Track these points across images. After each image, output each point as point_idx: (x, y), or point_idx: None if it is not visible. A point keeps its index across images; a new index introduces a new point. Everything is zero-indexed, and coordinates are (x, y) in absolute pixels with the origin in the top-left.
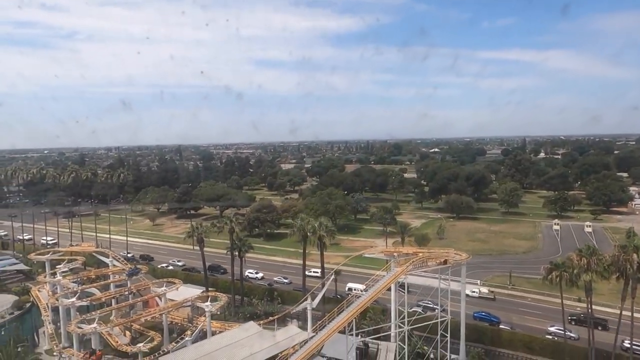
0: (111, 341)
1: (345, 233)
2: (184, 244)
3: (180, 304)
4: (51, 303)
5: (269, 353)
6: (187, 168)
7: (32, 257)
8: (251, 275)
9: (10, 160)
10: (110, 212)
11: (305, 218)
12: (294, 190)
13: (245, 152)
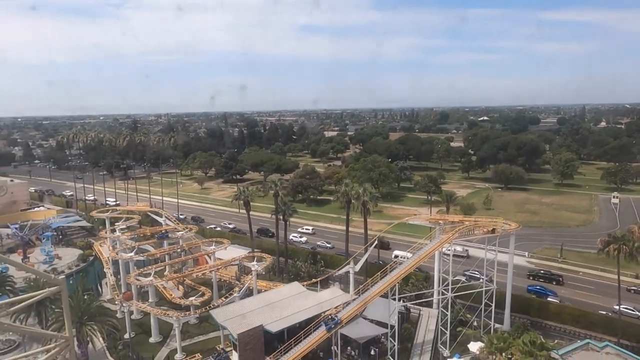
0: (166, 294)
1: (387, 201)
2: (230, 207)
3: (229, 262)
4: (112, 257)
5: (312, 312)
6: (232, 134)
7: (93, 214)
8: (295, 238)
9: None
10: (162, 176)
11: (350, 184)
12: (336, 157)
13: (288, 120)
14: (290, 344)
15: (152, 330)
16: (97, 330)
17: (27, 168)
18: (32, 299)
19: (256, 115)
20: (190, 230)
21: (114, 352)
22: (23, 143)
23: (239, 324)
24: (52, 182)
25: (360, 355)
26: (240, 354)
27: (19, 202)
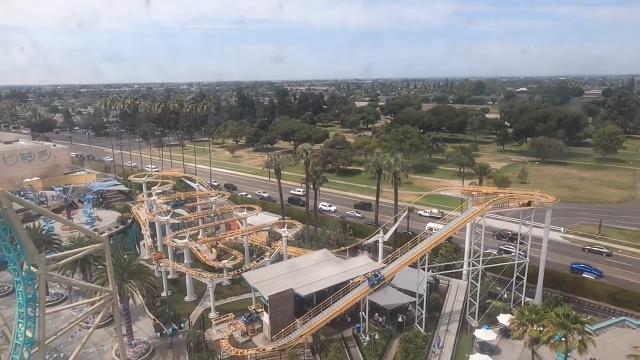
0: (200, 256)
1: (418, 172)
2: (261, 175)
3: (260, 227)
4: (149, 219)
5: (341, 278)
6: (262, 103)
7: (131, 178)
8: (324, 207)
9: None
10: (195, 144)
11: (381, 153)
12: (367, 127)
13: (318, 89)
14: (320, 307)
15: (187, 290)
16: (137, 287)
17: (68, 134)
18: (79, 254)
19: (286, 85)
20: (222, 196)
21: (152, 308)
22: (63, 110)
23: (270, 286)
24: (91, 148)
25: (388, 322)
26: (271, 315)
27: (61, 166)
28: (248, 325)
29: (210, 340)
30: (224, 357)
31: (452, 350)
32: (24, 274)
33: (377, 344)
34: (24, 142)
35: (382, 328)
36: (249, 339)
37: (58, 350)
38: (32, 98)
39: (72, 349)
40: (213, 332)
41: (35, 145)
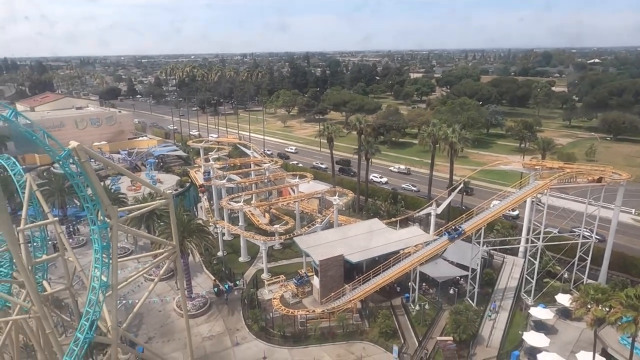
0: (253, 220)
1: (474, 147)
2: (312, 144)
3: (312, 194)
4: (205, 183)
5: (392, 247)
6: (314, 74)
7: (189, 144)
8: (376, 179)
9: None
10: (249, 113)
11: (438, 124)
12: (421, 100)
13: (371, 60)
14: (369, 275)
15: (242, 251)
16: (196, 245)
17: (131, 102)
18: (146, 208)
19: (338, 56)
20: (275, 163)
21: (209, 266)
22: (127, 79)
23: (321, 251)
24: (152, 115)
25: (438, 293)
26: (321, 279)
27: (126, 132)
28: (298, 287)
29: (262, 299)
30: (276, 316)
31: (505, 326)
32: (99, 223)
33: (426, 314)
34: (93, 108)
35: (432, 299)
36: (299, 301)
37: (126, 297)
38: (98, 68)
39: (138, 298)
40: (265, 291)
41: (102, 111)
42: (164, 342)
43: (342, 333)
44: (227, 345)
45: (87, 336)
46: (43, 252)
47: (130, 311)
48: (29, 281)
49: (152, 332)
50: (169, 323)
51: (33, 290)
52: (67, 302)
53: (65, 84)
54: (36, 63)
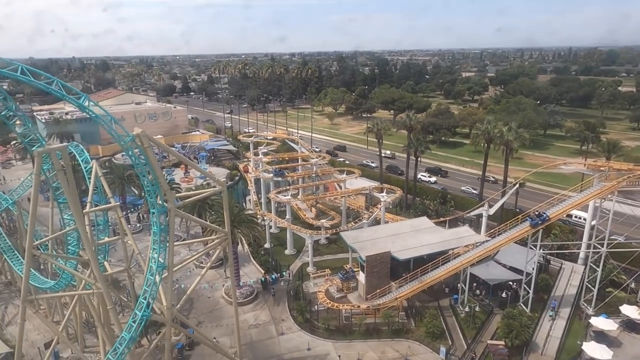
0: (300, 214)
1: (529, 148)
2: (358, 142)
3: (360, 190)
4: (254, 176)
5: (440, 246)
6: (362, 72)
7: (240, 138)
8: (424, 178)
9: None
10: (298, 110)
11: (492, 121)
12: (472, 99)
13: (420, 59)
14: (417, 273)
15: (288, 244)
16: (245, 235)
17: (185, 98)
18: (201, 195)
19: (387, 55)
20: (323, 159)
21: (257, 257)
22: (181, 77)
23: (368, 247)
24: (204, 112)
25: (489, 296)
26: (367, 275)
27: (180, 126)
28: (344, 282)
29: (307, 291)
30: (321, 309)
31: (562, 334)
32: (158, 207)
33: (476, 317)
34: (150, 104)
35: (482, 302)
36: (344, 296)
37: (179, 281)
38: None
39: (189, 284)
40: (310, 284)
41: (159, 106)
42: (212, 327)
43: (388, 330)
44: (272, 334)
45: (145, 314)
46: (105, 235)
47: (183, 295)
48: (94, 259)
49: (202, 316)
50: (217, 309)
51: (97, 267)
52: (124, 284)
53: (126, 81)
54: (100, 62)
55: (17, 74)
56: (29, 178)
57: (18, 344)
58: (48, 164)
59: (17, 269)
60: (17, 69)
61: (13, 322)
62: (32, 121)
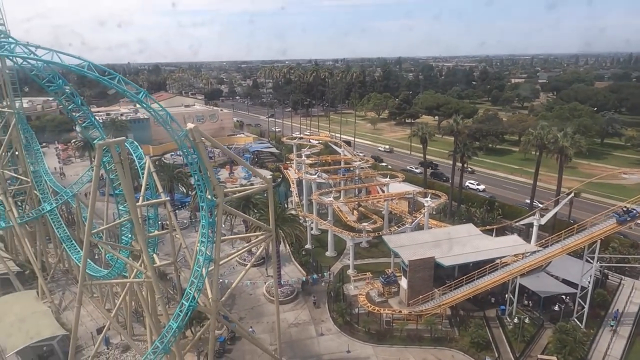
0: (342, 216)
1: (585, 157)
2: (402, 147)
3: (403, 194)
4: (297, 177)
5: (488, 254)
6: (406, 78)
7: (284, 140)
8: (472, 185)
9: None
10: (341, 115)
11: (546, 126)
12: (522, 106)
13: (466, 65)
14: (462, 280)
15: (329, 246)
16: (288, 235)
17: (231, 102)
18: (248, 191)
19: (432, 61)
20: (366, 162)
21: (298, 257)
22: (228, 82)
23: (411, 252)
24: (248, 115)
25: (540, 309)
26: (409, 280)
27: (226, 128)
28: (385, 286)
29: (347, 294)
30: (361, 312)
31: (622, 354)
32: (207, 201)
33: (525, 330)
34: (198, 106)
35: (532, 315)
36: (385, 300)
37: (223, 276)
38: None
39: (232, 280)
40: (351, 287)
41: (207, 109)
42: (253, 323)
43: (430, 338)
44: (311, 334)
45: (192, 304)
46: (155, 228)
47: (226, 290)
48: (145, 249)
49: (243, 312)
50: (258, 306)
51: (148, 256)
52: (170, 277)
53: (176, 85)
54: (153, 67)
55: (85, 70)
56: (87, 173)
57: (75, 325)
58: (107, 157)
59: (74, 258)
60: (85, 65)
61: (69, 307)
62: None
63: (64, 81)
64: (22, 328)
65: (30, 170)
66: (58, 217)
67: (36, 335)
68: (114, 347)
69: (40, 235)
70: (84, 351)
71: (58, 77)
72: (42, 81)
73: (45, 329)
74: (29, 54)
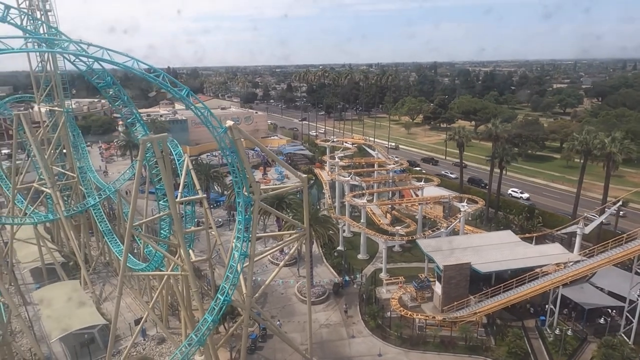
0: (374, 219)
1: (632, 165)
2: (436, 152)
3: (438, 198)
4: (330, 179)
5: (528, 262)
6: (442, 82)
7: (318, 142)
8: (515, 194)
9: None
10: (375, 120)
11: (592, 132)
12: (564, 112)
13: (505, 70)
14: (499, 288)
15: (361, 248)
16: (321, 235)
17: (265, 105)
18: (283, 189)
19: (468, 66)
20: (400, 165)
21: (329, 259)
22: (263, 86)
23: (446, 257)
24: (282, 118)
25: (583, 322)
26: (444, 286)
27: (260, 131)
28: (418, 291)
29: (380, 297)
30: (393, 316)
31: None
32: (244, 197)
33: (567, 343)
34: (234, 109)
35: (574, 327)
36: (418, 305)
37: (255, 274)
38: (239, 75)
39: (265, 278)
40: (383, 290)
41: (242, 111)
42: (284, 322)
43: (464, 345)
44: (342, 335)
45: (226, 298)
46: (191, 224)
47: (259, 288)
48: (183, 242)
49: (274, 311)
50: (290, 305)
51: (185, 250)
52: (205, 273)
53: (213, 88)
54: (192, 70)
55: (131, 67)
56: (127, 171)
57: (115, 314)
58: (149, 153)
59: (115, 251)
60: (131, 62)
61: (109, 298)
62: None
63: (112, 78)
64: (66, 315)
65: (77, 166)
66: (101, 212)
67: (79, 323)
68: (150, 339)
69: (84, 228)
70: (121, 341)
71: (107, 74)
72: (92, 78)
73: (87, 317)
74: (81, 52)
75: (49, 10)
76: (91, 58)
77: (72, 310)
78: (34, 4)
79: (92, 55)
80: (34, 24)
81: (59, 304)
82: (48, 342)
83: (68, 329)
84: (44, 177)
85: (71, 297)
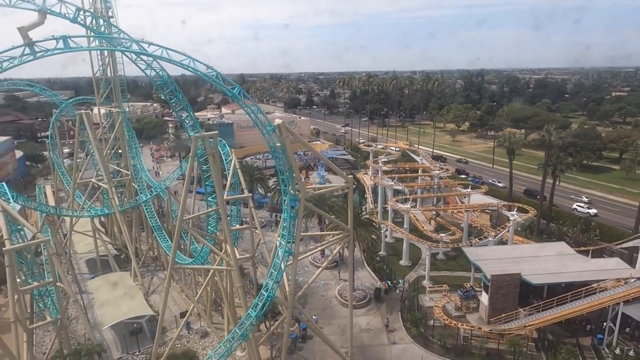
0: (418, 225)
1: None
2: (482, 160)
3: (486, 205)
4: (374, 183)
5: (584, 276)
6: (489, 89)
7: (361, 147)
8: (580, 208)
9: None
10: (420, 127)
11: None
12: (624, 121)
13: (558, 77)
14: (552, 302)
15: (403, 254)
16: (364, 238)
17: (308, 111)
18: (328, 189)
19: (517, 73)
20: (446, 171)
21: (371, 263)
22: (306, 92)
23: (494, 266)
24: (325, 124)
25: None
26: (491, 296)
27: (303, 135)
28: (463, 300)
29: (422, 305)
30: (436, 325)
31: None
32: (291, 195)
33: None
34: (278, 114)
35: (636, 348)
36: (462, 315)
37: (297, 275)
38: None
39: (305, 280)
40: (426, 298)
41: (286, 116)
42: (324, 324)
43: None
44: (383, 341)
45: (270, 294)
46: (236, 223)
47: (300, 289)
48: (230, 239)
49: (315, 312)
50: (330, 307)
51: (231, 245)
52: (248, 271)
53: (258, 93)
54: (238, 77)
55: (186, 65)
56: (176, 170)
57: (163, 304)
58: (200, 149)
59: (163, 246)
60: (188, 61)
61: (156, 291)
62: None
63: (169, 76)
64: (117, 305)
65: (131, 164)
66: (151, 208)
67: (129, 312)
68: (194, 332)
69: (135, 224)
70: (167, 332)
71: (165, 72)
72: (151, 76)
73: (136, 308)
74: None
75: (111, 16)
76: (151, 56)
77: (122, 300)
78: (98, 7)
79: (152, 53)
80: (97, 24)
81: (110, 294)
82: (100, 329)
83: (119, 317)
84: (102, 174)
85: (123, 288)
